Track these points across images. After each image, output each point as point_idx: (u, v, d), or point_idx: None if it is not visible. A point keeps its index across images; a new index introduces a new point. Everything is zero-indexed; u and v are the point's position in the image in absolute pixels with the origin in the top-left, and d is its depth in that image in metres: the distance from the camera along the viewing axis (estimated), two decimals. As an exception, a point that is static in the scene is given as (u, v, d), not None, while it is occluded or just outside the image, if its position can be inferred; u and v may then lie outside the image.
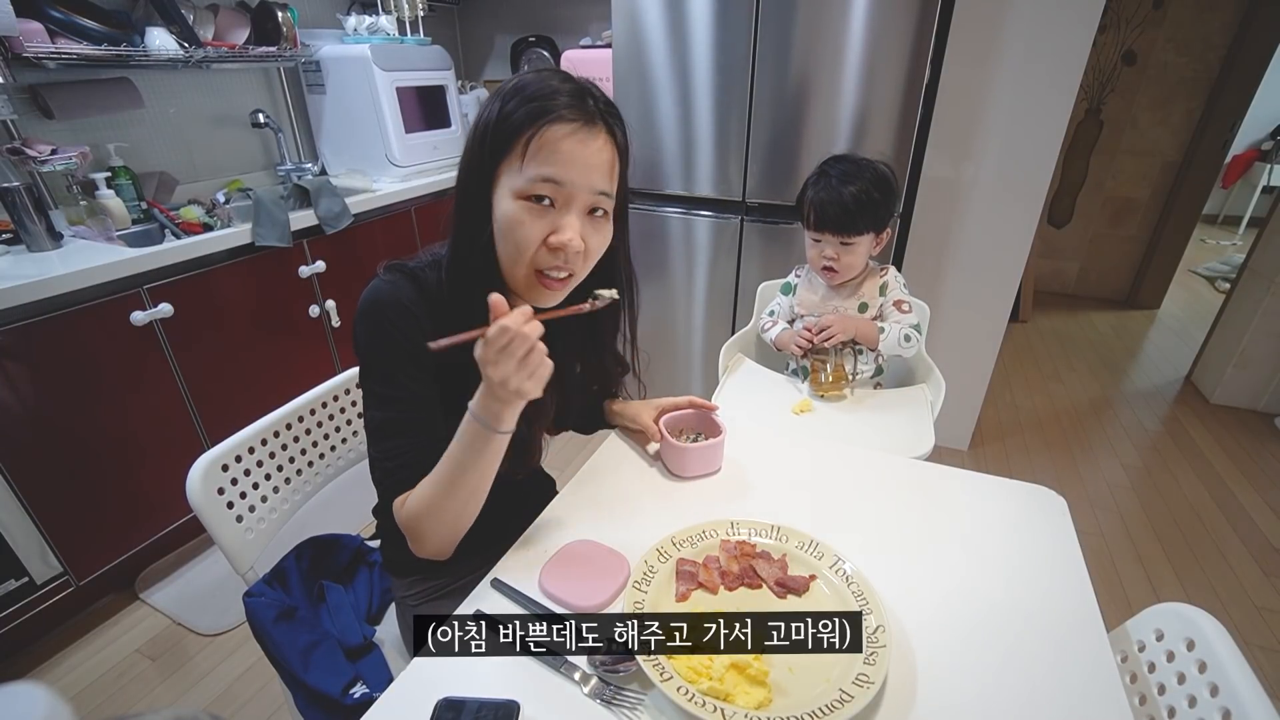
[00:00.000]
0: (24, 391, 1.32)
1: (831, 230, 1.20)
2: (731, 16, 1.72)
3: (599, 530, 0.78)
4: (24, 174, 1.52)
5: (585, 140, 0.66)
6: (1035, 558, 0.75)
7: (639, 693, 0.58)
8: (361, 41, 2.15)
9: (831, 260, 1.22)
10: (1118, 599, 1.66)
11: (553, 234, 0.67)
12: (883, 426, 1.15)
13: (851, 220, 1.18)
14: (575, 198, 0.67)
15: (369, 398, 0.73)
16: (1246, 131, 4.23)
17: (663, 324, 2.24)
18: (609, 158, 0.69)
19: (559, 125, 0.65)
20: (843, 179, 1.18)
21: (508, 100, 0.67)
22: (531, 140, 0.65)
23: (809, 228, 1.23)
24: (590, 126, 0.67)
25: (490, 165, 0.67)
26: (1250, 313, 2.43)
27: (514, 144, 0.66)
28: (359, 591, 0.97)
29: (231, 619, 1.55)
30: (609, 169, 0.69)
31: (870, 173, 1.19)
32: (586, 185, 0.67)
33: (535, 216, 0.67)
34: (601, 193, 0.68)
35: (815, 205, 1.20)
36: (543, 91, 0.66)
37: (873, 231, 1.21)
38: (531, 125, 0.65)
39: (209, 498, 0.81)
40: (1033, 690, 0.59)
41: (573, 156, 0.65)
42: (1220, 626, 0.60)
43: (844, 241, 1.20)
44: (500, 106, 0.67)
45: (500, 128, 0.66)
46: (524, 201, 0.66)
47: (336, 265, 1.94)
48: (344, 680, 0.78)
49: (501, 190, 0.68)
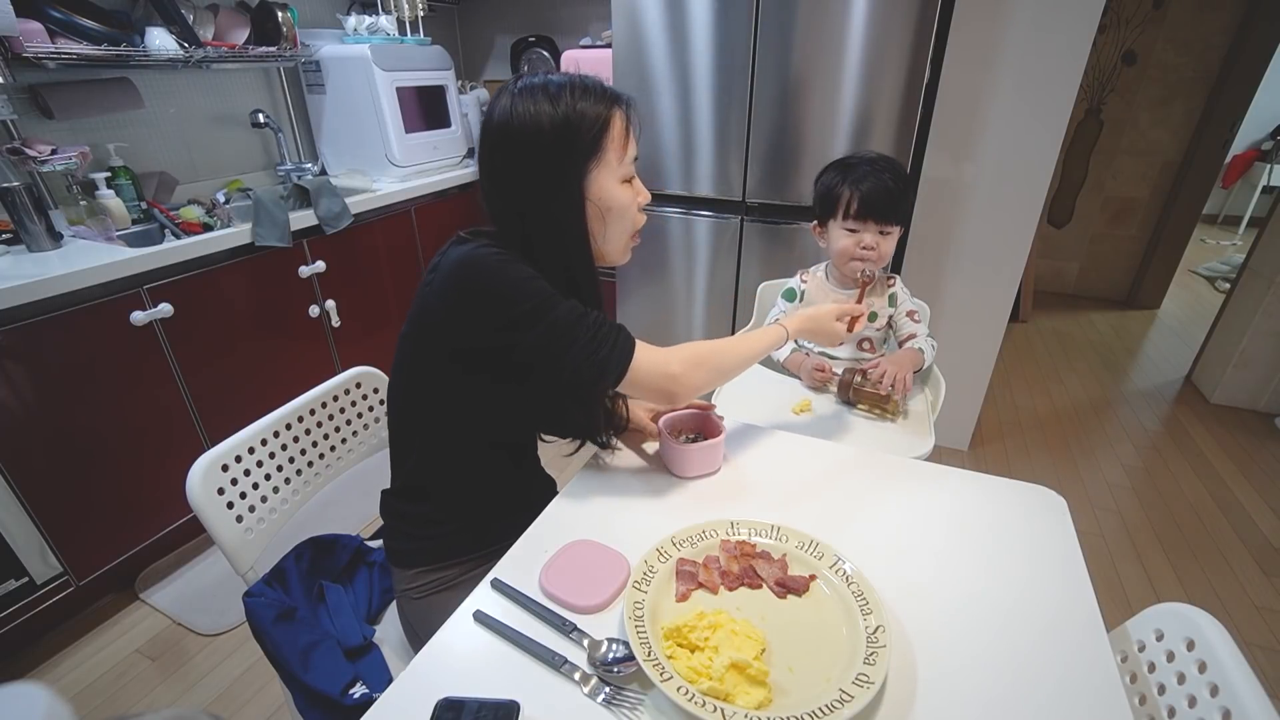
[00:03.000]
0: (24, 391, 1.32)
1: (876, 218, 1.18)
2: (731, 16, 1.72)
3: (599, 530, 0.78)
4: (24, 174, 1.52)
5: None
6: (1035, 558, 0.75)
7: (639, 693, 0.58)
8: (361, 41, 2.15)
9: (870, 250, 1.20)
10: (1118, 599, 1.66)
11: (640, 196, 0.84)
12: (883, 426, 1.15)
13: (894, 207, 1.18)
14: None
15: (537, 309, 0.73)
16: (1246, 131, 4.23)
17: (663, 324, 2.24)
18: None
19: (629, 118, 0.79)
20: (875, 169, 1.18)
21: (575, 105, 0.74)
22: (625, 133, 0.78)
23: (848, 217, 1.20)
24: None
25: (581, 165, 0.76)
26: (1250, 313, 2.43)
27: (604, 141, 0.76)
28: (358, 592, 0.97)
29: (231, 619, 1.55)
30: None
31: (897, 166, 1.20)
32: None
33: (632, 192, 0.82)
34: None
35: (860, 194, 1.18)
36: (594, 90, 0.76)
37: (902, 224, 1.21)
38: (612, 122, 0.76)
39: (209, 497, 0.81)
40: (1032, 690, 0.59)
41: (638, 135, 0.82)
42: (1220, 626, 0.60)
43: (883, 230, 1.20)
44: (569, 113, 0.73)
45: (586, 132, 0.75)
46: (626, 184, 0.81)
47: (336, 265, 1.94)
48: (344, 680, 0.78)
49: (602, 181, 0.78)
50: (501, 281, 0.73)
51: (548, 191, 0.76)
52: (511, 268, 0.74)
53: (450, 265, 0.75)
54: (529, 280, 0.74)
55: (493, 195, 0.79)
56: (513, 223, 0.79)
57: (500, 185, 0.78)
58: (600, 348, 0.76)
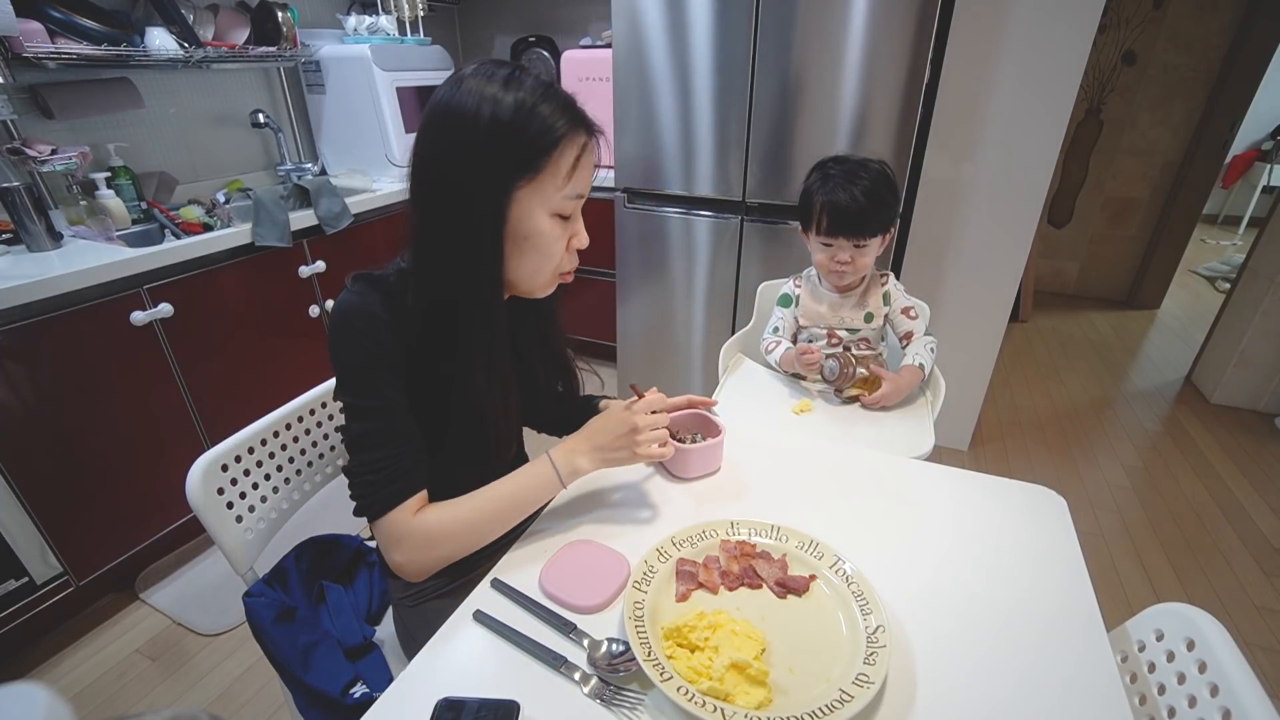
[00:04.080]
0: (24, 391, 1.32)
1: (847, 234, 1.16)
2: (731, 16, 1.72)
3: (599, 530, 0.78)
4: (24, 174, 1.52)
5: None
6: (1035, 558, 0.75)
7: (639, 693, 0.58)
8: (361, 41, 2.15)
9: (845, 265, 1.19)
10: (1118, 599, 1.66)
11: (573, 238, 0.74)
12: (883, 426, 1.15)
13: (866, 221, 1.15)
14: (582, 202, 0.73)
15: (347, 410, 0.72)
16: (1246, 131, 4.23)
17: (663, 324, 2.24)
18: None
19: (588, 148, 0.69)
20: (849, 179, 1.15)
21: (531, 104, 0.64)
22: (574, 164, 0.68)
23: (820, 233, 1.19)
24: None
25: (512, 178, 0.66)
26: (1250, 313, 2.43)
27: (545, 161, 0.66)
28: (359, 592, 0.97)
29: (231, 619, 1.56)
30: None
31: (875, 172, 1.16)
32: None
33: (563, 229, 0.72)
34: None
35: (828, 209, 1.16)
36: (563, 103, 0.67)
37: (882, 233, 1.19)
38: (565, 144, 0.66)
39: (209, 498, 0.81)
40: (1033, 689, 0.59)
41: (591, 172, 0.71)
42: (1220, 626, 0.60)
43: (858, 244, 1.17)
44: (519, 109, 0.64)
45: (531, 141, 0.65)
46: (557, 218, 0.70)
47: (337, 265, 1.94)
48: (344, 680, 0.78)
49: (527, 204, 0.68)
50: (335, 361, 0.71)
51: (461, 189, 0.66)
52: (344, 347, 0.69)
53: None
54: (352, 371, 0.70)
55: (411, 187, 0.70)
56: (411, 236, 0.71)
57: (416, 173, 0.68)
58: (358, 482, 0.71)
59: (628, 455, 0.76)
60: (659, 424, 0.77)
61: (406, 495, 0.71)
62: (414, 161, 0.68)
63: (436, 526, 0.71)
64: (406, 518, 0.70)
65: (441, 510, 0.72)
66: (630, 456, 0.76)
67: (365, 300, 0.70)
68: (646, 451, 0.76)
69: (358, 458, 0.71)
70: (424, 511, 0.72)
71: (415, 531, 0.70)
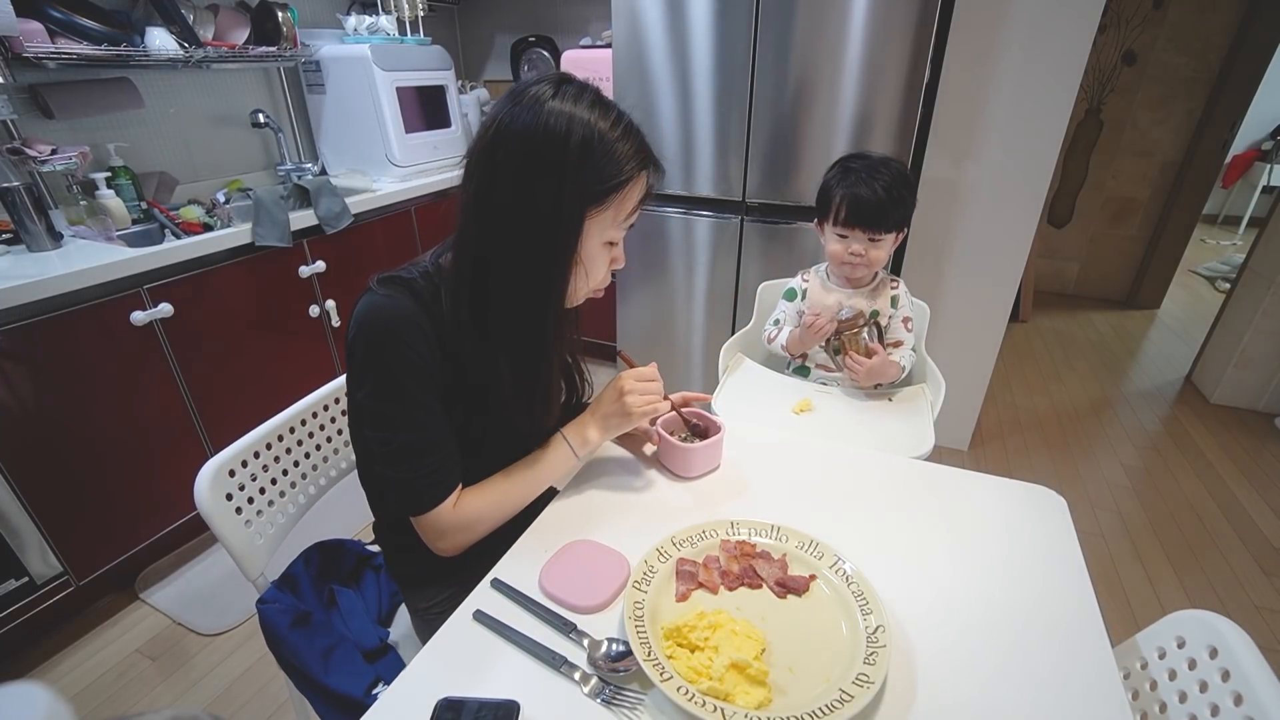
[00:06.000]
0: (24, 391, 1.32)
1: (864, 226, 1.18)
2: (731, 16, 1.72)
3: (599, 530, 0.78)
4: (24, 174, 1.52)
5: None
6: (1035, 558, 0.75)
7: (639, 693, 0.58)
8: (361, 41, 2.15)
9: (858, 257, 1.21)
10: (1118, 599, 1.66)
11: (614, 261, 0.78)
12: (883, 426, 1.15)
13: (884, 216, 1.17)
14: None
15: (378, 418, 0.71)
16: (1246, 131, 4.23)
17: (663, 324, 2.24)
18: None
19: (645, 185, 0.73)
20: (871, 174, 1.16)
21: (619, 138, 0.67)
22: (637, 201, 0.72)
23: (837, 223, 1.21)
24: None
25: (587, 203, 0.68)
26: (1250, 313, 2.43)
27: (616, 196, 0.69)
28: (368, 595, 0.97)
29: (231, 619, 1.56)
30: None
31: (896, 171, 1.18)
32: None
33: (609, 252, 0.76)
34: None
35: (848, 200, 1.17)
36: (637, 140, 0.70)
37: (897, 230, 1.21)
38: (634, 183, 0.70)
39: (218, 503, 0.80)
40: (1032, 690, 0.59)
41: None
42: (1245, 635, 0.59)
43: (873, 238, 1.19)
44: (607, 138, 0.66)
45: (609, 175, 0.67)
46: (607, 244, 0.74)
47: (336, 265, 1.94)
48: (366, 681, 0.78)
49: (589, 231, 0.70)
50: (369, 366, 0.70)
51: (548, 208, 0.66)
52: (384, 355, 0.68)
53: (352, 321, 0.71)
54: (395, 379, 0.69)
55: (472, 207, 0.69)
56: (469, 247, 0.71)
57: (489, 185, 0.68)
58: (404, 489, 0.73)
59: (623, 418, 0.82)
60: (650, 389, 0.83)
61: (450, 492, 0.75)
62: (484, 174, 0.69)
63: (473, 513, 0.77)
64: (449, 510, 0.75)
65: (475, 497, 0.78)
66: (626, 419, 0.82)
67: (400, 304, 0.69)
68: (639, 408, 0.81)
69: (403, 465, 0.72)
70: (461, 501, 0.77)
71: (458, 522, 0.76)
